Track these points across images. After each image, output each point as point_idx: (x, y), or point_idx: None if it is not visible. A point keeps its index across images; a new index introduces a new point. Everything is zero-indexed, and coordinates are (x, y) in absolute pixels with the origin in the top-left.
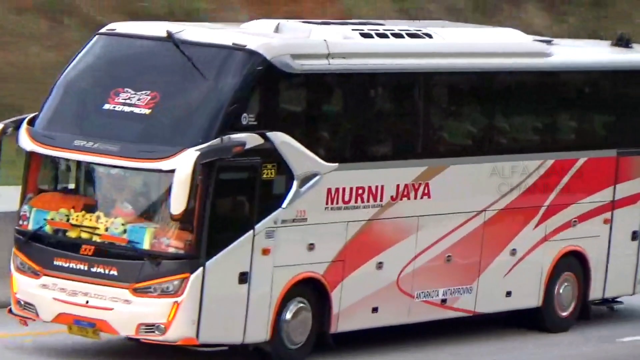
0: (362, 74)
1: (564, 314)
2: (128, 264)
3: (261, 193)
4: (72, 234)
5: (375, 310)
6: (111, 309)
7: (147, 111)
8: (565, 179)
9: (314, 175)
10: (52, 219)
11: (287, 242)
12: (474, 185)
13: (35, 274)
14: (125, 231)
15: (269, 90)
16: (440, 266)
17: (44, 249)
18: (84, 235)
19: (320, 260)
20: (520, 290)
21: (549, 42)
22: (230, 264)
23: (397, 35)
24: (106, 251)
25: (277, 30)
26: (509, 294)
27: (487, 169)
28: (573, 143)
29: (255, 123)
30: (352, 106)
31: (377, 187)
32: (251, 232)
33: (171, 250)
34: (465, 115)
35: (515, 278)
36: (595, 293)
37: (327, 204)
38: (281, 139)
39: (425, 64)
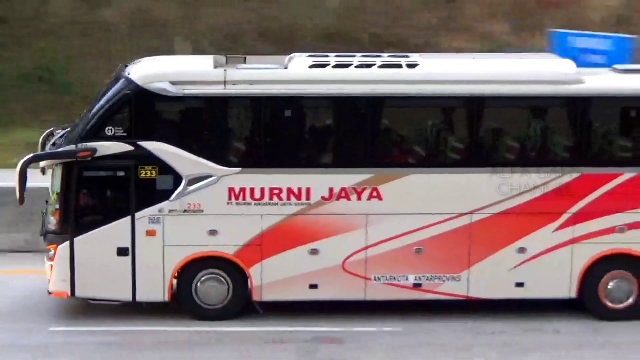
0: (259, 97)
1: (618, 305)
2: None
3: (140, 188)
4: None
5: (314, 286)
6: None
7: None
8: (599, 192)
9: (207, 176)
10: None
11: (178, 226)
12: (448, 192)
13: None
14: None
15: (141, 109)
16: (408, 256)
17: None
18: None
19: (227, 243)
20: (537, 283)
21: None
22: (102, 240)
23: (366, 66)
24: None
25: (288, 62)
26: (520, 284)
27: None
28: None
29: (124, 134)
30: (253, 123)
31: (299, 188)
32: (129, 217)
33: (52, 227)
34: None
35: (528, 272)
36: None
37: (230, 199)
38: (155, 147)
39: (332, 90)
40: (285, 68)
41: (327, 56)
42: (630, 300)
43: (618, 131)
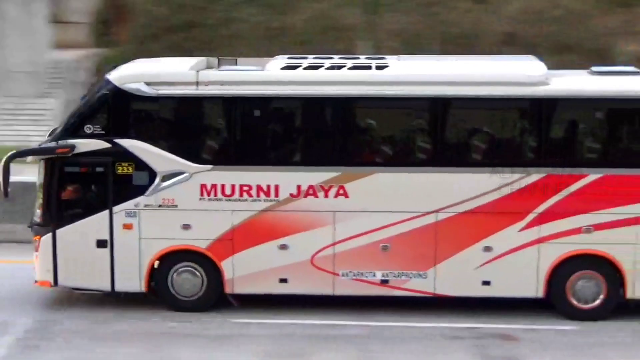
0: (230, 98)
1: (586, 306)
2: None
3: (117, 183)
4: None
5: (284, 280)
6: None
7: None
8: (565, 192)
9: (180, 173)
10: None
11: (154, 220)
12: (413, 191)
13: None
14: None
15: (118, 108)
16: (375, 253)
17: None
18: None
19: (200, 237)
20: (504, 282)
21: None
22: (83, 232)
23: (336, 67)
24: None
25: (267, 63)
26: (487, 283)
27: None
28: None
29: (102, 132)
30: (223, 122)
31: (268, 185)
32: (106, 211)
33: (36, 219)
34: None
35: (494, 271)
36: (638, 293)
37: (202, 195)
38: (131, 144)
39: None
40: (262, 70)
41: (305, 58)
42: (599, 300)
43: (583, 132)
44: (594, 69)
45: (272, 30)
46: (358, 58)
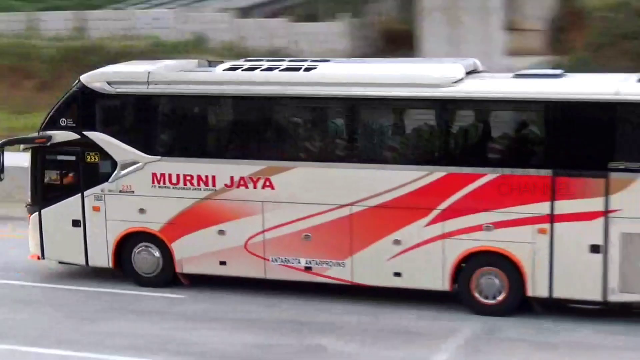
0: (174, 96)
1: (489, 301)
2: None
3: (87, 170)
4: None
5: (223, 263)
6: None
7: None
8: (464, 191)
9: (135, 162)
10: None
11: (116, 204)
12: (330, 185)
13: None
14: None
15: (86, 104)
16: (298, 241)
17: None
18: None
19: (153, 221)
20: (413, 274)
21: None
22: (61, 213)
23: (270, 69)
24: None
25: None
26: (398, 274)
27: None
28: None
29: (73, 125)
30: (169, 117)
31: (207, 176)
32: (79, 195)
33: (28, 200)
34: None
35: (404, 263)
36: (537, 291)
37: (153, 183)
38: (97, 136)
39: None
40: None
41: (260, 60)
42: (501, 297)
43: (481, 133)
44: (522, 71)
45: None
46: (305, 61)
